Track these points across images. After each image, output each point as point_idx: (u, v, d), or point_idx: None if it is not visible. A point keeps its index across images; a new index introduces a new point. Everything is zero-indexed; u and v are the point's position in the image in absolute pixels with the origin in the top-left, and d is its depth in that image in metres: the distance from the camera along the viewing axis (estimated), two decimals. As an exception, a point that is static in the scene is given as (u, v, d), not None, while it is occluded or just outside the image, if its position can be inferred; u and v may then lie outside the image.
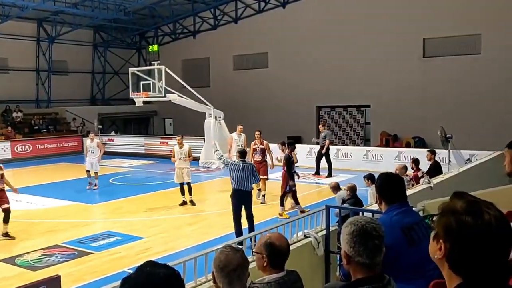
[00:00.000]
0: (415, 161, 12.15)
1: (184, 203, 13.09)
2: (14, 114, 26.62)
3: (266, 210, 12.37)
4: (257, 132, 14.65)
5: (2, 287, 6.64)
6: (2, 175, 10.80)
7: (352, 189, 8.78)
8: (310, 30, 26.23)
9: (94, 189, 15.54)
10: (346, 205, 8.25)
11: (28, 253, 9.20)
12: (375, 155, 19.00)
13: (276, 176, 13.81)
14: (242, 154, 9.94)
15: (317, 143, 18.06)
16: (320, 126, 18.81)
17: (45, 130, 26.78)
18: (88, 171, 15.81)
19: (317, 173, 17.86)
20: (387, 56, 23.97)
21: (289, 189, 11.49)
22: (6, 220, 10.37)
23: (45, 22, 28.49)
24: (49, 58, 29.24)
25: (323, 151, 17.63)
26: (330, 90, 25.65)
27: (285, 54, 27.38)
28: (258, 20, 28.47)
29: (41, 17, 27.80)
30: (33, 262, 8.74)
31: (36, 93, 29.33)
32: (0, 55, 26.94)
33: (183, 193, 13.20)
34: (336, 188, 9.88)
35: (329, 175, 17.44)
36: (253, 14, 28.81)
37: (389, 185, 3.46)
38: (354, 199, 8.54)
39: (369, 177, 9.69)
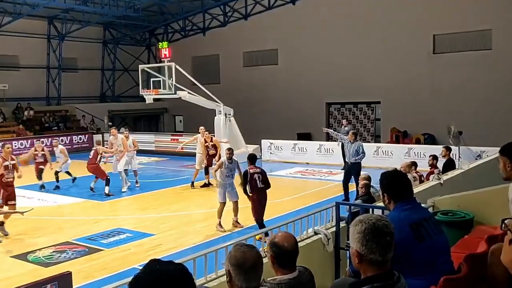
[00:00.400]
0: (435, 157, 11.89)
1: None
2: (25, 112, 26.82)
3: (277, 206, 12.36)
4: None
5: (14, 283, 6.69)
6: (14, 165, 10.82)
7: (366, 186, 8.71)
8: (320, 27, 26.14)
9: (137, 187, 15.38)
10: (358, 201, 8.20)
11: (40, 249, 9.28)
12: (385, 151, 18.92)
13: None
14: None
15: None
16: (344, 121, 18.95)
17: (55, 128, 26.96)
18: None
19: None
20: (397, 52, 23.83)
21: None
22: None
23: (55, 19, 28.65)
24: (59, 55, 29.42)
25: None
26: (340, 86, 25.56)
27: (294, 51, 27.31)
28: (268, 17, 28.42)
29: (52, 14, 27.95)
30: (45, 259, 8.82)
31: (46, 90, 29.52)
32: (11, 52, 27.14)
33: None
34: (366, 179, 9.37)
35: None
36: (263, 10, 28.76)
37: (394, 183, 3.45)
38: (366, 196, 8.48)
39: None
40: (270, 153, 21.61)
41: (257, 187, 9.61)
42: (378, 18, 24.24)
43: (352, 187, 12.61)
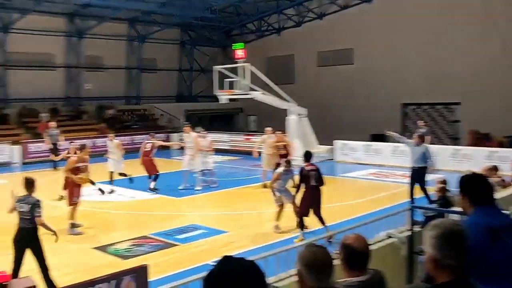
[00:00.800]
0: None
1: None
2: (107, 111, 28.16)
3: (349, 208, 12.21)
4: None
5: (95, 273, 7.05)
6: (87, 167, 11.13)
7: (443, 190, 8.39)
8: (397, 25, 25.48)
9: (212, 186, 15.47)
10: (433, 206, 7.93)
11: (119, 242, 9.72)
12: (465, 154, 18.12)
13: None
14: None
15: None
16: (421, 122, 18.41)
17: (135, 126, 28.09)
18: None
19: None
20: (479, 51, 22.75)
21: None
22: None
23: (136, 22, 29.88)
24: (139, 56, 30.65)
25: None
26: (416, 86, 24.80)
27: (370, 50, 26.82)
28: (343, 16, 28.10)
29: (133, 17, 29.19)
30: (124, 251, 9.22)
31: (127, 90, 30.86)
32: (95, 54, 28.64)
33: None
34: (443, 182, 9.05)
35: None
36: (338, 10, 28.48)
37: (474, 186, 3.31)
38: (443, 200, 8.18)
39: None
40: (343, 154, 21.33)
41: (311, 185, 9.58)
42: (457, 14, 23.26)
43: (418, 192, 12.09)
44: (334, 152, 21.58)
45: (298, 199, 9.97)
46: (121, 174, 15.30)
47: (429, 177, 11.88)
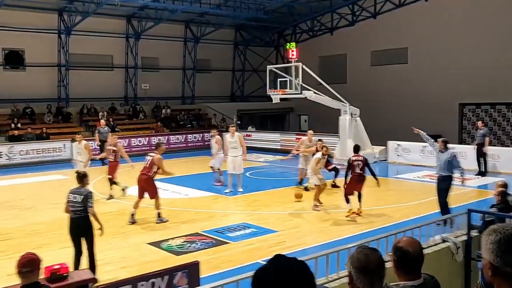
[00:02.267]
0: None
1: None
2: (163, 110, 28.82)
3: (403, 210, 11.95)
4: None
5: (148, 268, 7.24)
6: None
7: (502, 194, 8.05)
8: (454, 23, 24.70)
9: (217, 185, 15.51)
10: (493, 210, 7.61)
11: (172, 238, 9.92)
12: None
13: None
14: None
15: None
16: (480, 123, 17.83)
17: (189, 125, 28.60)
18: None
19: (480, 173, 17.00)
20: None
21: None
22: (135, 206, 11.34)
23: (191, 23, 30.41)
24: (194, 57, 31.18)
25: (484, 149, 16.71)
26: (475, 86, 23.93)
27: (426, 49, 26.12)
28: (398, 14, 27.51)
29: (188, 19, 29.73)
30: (176, 247, 9.40)
31: (182, 90, 31.47)
32: (152, 55, 29.39)
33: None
34: (503, 186, 8.71)
35: (483, 174, 16.84)
36: (393, 8, 27.92)
37: None
38: (503, 204, 7.84)
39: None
40: (397, 155, 20.89)
41: (355, 172, 11.55)
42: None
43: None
44: (388, 153, 21.16)
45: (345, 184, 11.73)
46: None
47: (454, 188, 10.95)
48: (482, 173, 16.99)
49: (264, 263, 1.87)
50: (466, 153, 18.49)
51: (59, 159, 22.33)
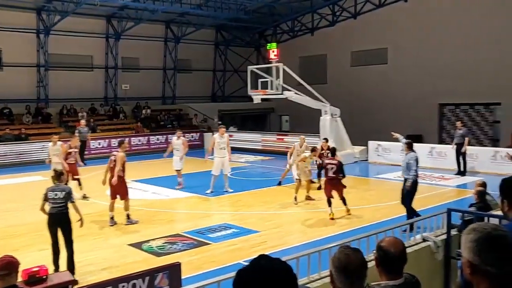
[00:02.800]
0: None
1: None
2: (143, 110, 28.62)
3: (383, 210, 12.05)
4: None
5: (130, 269, 7.19)
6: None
7: (481, 193, 8.18)
8: (433, 23, 25.00)
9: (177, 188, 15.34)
10: (472, 209, 7.72)
11: (153, 239, 9.86)
12: (505, 156, 17.61)
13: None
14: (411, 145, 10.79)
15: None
16: (459, 123, 17.93)
17: (170, 126, 28.43)
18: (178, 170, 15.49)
19: (460, 173, 17.13)
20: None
21: None
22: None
23: (172, 23, 30.26)
24: (174, 57, 31.04)
25: (463, 149, 16.84)
26: (454, 86, 24.25)
27: (405, 49, 26.39)
28: (378, 15, 27.75)
29: (168, 19, 29.57)
30: (157, 249, 9.35)
31: (162, 90, 31.29)
32: (132, 55, 29.17)
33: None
34: (482, 185, 8.82)
35: (463, 173, 16.93)
36: (373, 8, 28.15)
37: None
38: (482, 203, 7.96)
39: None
40: (378, 155, 21.07)
41: (327, 175, 11.52)
42: (497, 13, 22.66)
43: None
44: (369, 153, 21.34)
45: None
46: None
47: (435, 188, 11.05)
48: (461, 172, 17.21)
49: (246, 263, 1.86)
50: (446, 153, 18.78)
51: (39, 160, 21.96)
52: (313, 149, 14.10)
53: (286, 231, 10.54)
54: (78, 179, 14.10)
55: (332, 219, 11.19)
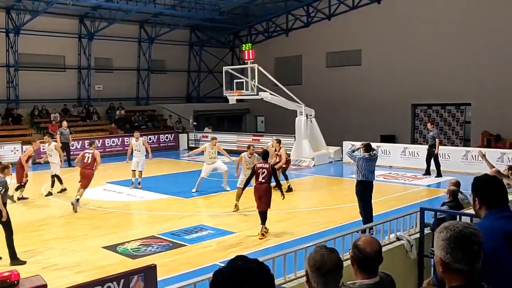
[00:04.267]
0: None
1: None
2: (117, 111, 28.30)
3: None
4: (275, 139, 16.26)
5: (105, 272, 7.11)
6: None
7: (453, 192, 8.33)
8: (406, 26, 25.39)
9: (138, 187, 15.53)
10: (444, 207, 7.86)
11: (128, 242, 9.76)
12: (476, 156, 17.95)
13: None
14: (367, 147, 10.46)
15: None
16: (429, 124, 18.00)
17: (144, 126, 28.18)
18: (133, 171, 15.59)
19: (427, 173, 17.26)
20: (489, 51, 22.59)
21: None
22: None
23: (146, 23, 30.01)
24: (148, 57, 30.78)
25: (436, 150, 16.96)
26: (427, 87, 24.67)
27: (379, 51, 26.72)
28: (352, 17, 28.04)
29: (142, 19, 29.31)
30: (132, 251, 9.26)
31: (136, 91, 31.00)
32: (105, 55, 28.81)
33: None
34: (455, 184, 8.95)
35: (439, 175, 16.95)
36: (347, 10, 28.42)
37: (487, 188, 3.24)
38: (454, 202, 8.12)
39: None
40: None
41: (258, 180, 10.30)
42: (467, 16, 23.16)
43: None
44: (343, 153, 21.52)
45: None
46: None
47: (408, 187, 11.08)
48: (429, 172, 17.35)
49: (222, 264, 1.86)
50: (418, 153, 19.06)
51: (9, 163, 21.47)
52: (249, 147, 13.71)
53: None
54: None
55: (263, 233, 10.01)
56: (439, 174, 16.97)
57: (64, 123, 21.45)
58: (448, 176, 16.28)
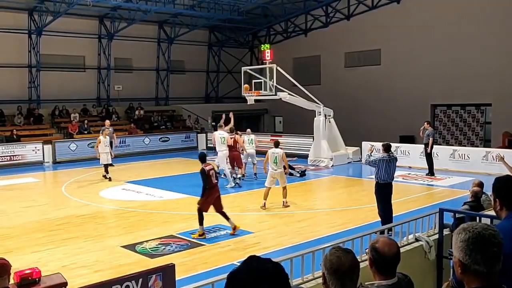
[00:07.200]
0: None
1: None
2: (136, 111, 28.54)
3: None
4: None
5: (122, 271, 7.17)
6: None
7: (476, 194, 8.21)
8: (426, 25, 25.12)
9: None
10: (465, 207, 7.74)
11: (147, 241, 9.83)
12: (496, 157, 17.71)
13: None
14: (387, 147, 10.58)
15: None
16: (425, 124, 17.92)
17: (163, 127, 28.39)
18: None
19: (430, 173, 17.19)
20: (510, 51, 22.22)
21: None
22: None
23: (165, 24, 30.22)
24: (168, 58, 30.99)
25: (429, 150, 16.93)
26: (446, 87, 24.38)
27: (398, 50, 26.50)
28: (371, 16, 27.85)
29: (161, 19, 29.52)
30: (151, 250, 9.32)
31: (155, 91, 31.23)
32: (125, 56, 29.09)
33: None
34: (478, 185, 8.86)
35: (431, 173, 17.07)
36: (366, 10, 28.24)
37: (509, 189, 3.19)
38: (475, 203, 8.00)
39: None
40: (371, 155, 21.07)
41: (212, 182, 10.19)
42: (489, 15, 22.80)
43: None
44: (362, 153, 21.39)
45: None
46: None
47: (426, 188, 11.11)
48: (430, 173, 17.26)
49: (239, 264, 1.87)
50: (438, 154, 18.85)
51: (30, 162, 21.87)
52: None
53: (280, 232, 10.54)
54: None
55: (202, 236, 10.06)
56: (431, 173, 17.04)
57: (107, 122, 21.77)
58: (467, 177, 16.07)
